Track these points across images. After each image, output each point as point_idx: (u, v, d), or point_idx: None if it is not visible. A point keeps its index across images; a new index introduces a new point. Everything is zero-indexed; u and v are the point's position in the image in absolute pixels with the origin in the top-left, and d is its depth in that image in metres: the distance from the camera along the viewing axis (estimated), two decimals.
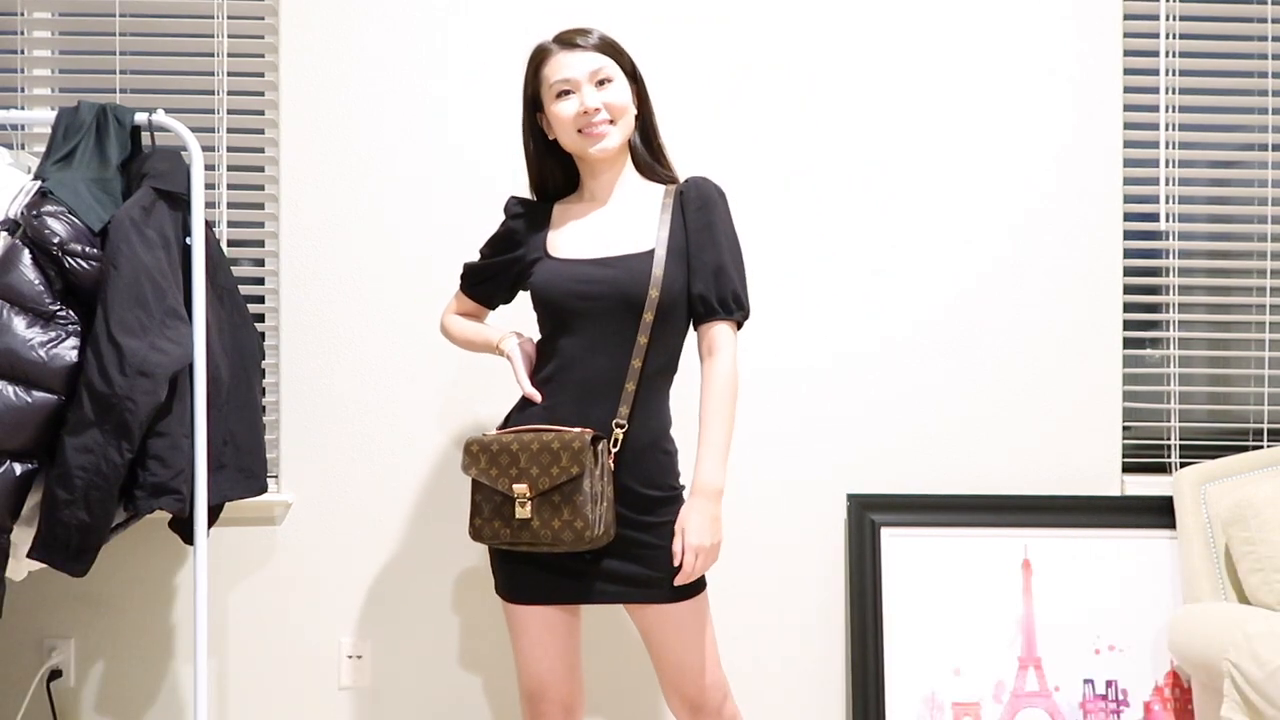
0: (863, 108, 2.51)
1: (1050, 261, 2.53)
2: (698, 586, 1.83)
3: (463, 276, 2.04)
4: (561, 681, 1.88)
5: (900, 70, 2.51)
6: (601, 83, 1.82)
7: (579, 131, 1.82)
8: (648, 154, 1.93)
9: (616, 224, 1.88)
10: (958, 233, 2.52)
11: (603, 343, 1.81)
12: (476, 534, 1.82)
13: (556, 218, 1.93)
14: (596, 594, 1.81)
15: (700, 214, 1.85)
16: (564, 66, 1.82)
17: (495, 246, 1.98)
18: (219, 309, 2.11)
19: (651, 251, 1.82)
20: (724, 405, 1.81)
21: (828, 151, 2.51)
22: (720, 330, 1.82)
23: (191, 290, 1.99)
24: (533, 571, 1.82)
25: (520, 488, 1.74)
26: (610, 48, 1.86)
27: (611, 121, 1.82)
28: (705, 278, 1.82)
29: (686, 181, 1.90)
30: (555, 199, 1.97)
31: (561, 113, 1.83)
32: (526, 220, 1.94)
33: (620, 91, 1.84)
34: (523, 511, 1.73)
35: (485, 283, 2.01)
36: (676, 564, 1.76)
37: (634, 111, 1.87)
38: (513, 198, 1.98)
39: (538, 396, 1.84)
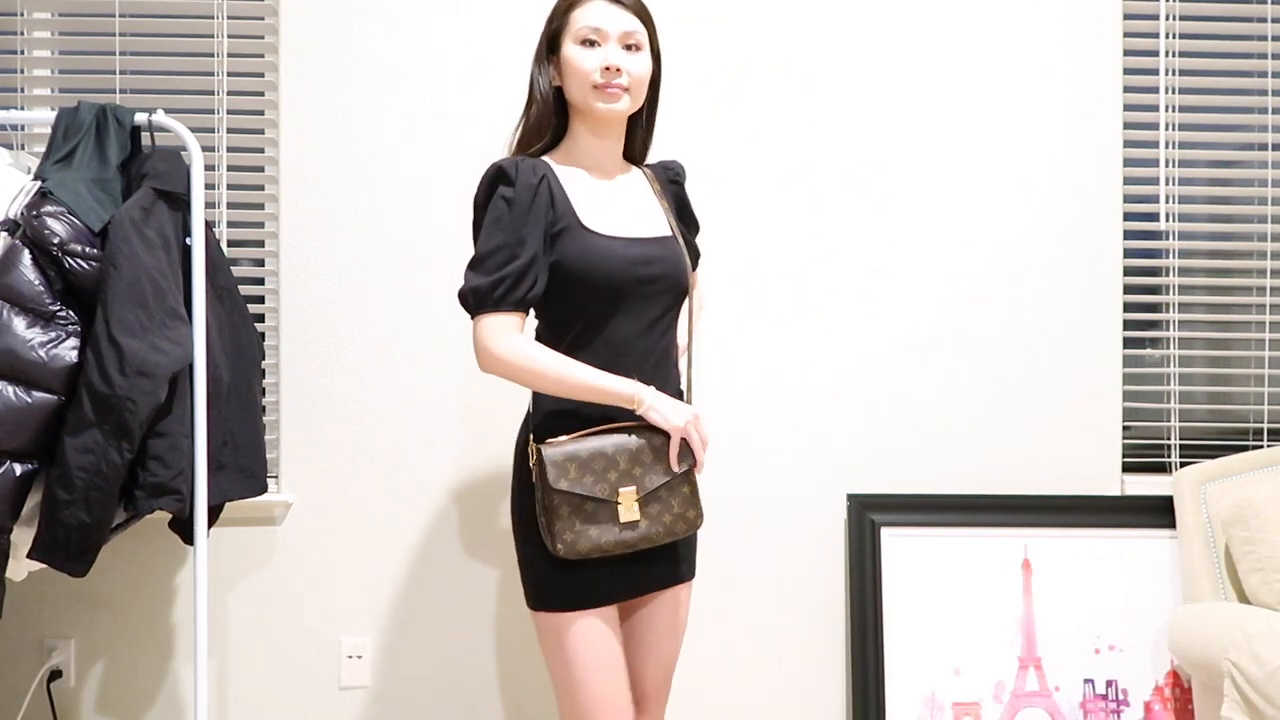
0: (861, 108, 2.51)
1: (1050, 261, 2.53)
2: None
3: (502, 293, 1.66)
4: (627, 691, 1.74)
5: (899, 70, 2.51)
6: (630, 47, 1.74)
7: (593, 86, 1.72)
8: (643, 135, 1.87)
9: (634, 202, 1.82)
10: (957, 233, 2.52)
11: (651, 327, 1.75)
12: (570, 548, 1.64)
13: (566, 182, 1.75)
14: (671, 576, 1.80)
15: (684, 198, 1.93)
16: (599, 15, 1.73)
17: (527, 223, 1.67)
18: (219, 309, 2.12)
19: (674, 237, 1.81)
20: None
21: (826, 151, 2.51)
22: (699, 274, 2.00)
23: (191, 290, 1.99)
24: (619, 567, 1.71)
25: (627, 490, 1.66)
26: (649, 19, 1.79)
27: (627, 89, 1.73)
28: (694, 249, 1.95)
29: (668, 165, 1.92)
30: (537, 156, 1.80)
31: (580, 61, 1.72)
32: (550, 183, 1.71)
33: (644, 63, 1.76)
34: (630, 514, 1.66)
35: (541, 274, 1.68)
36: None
37: (646, 90, 1.80)
38: (528, 160, 1.73)
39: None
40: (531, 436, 1.72)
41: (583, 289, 1.70)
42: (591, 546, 1.65)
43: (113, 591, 2.42)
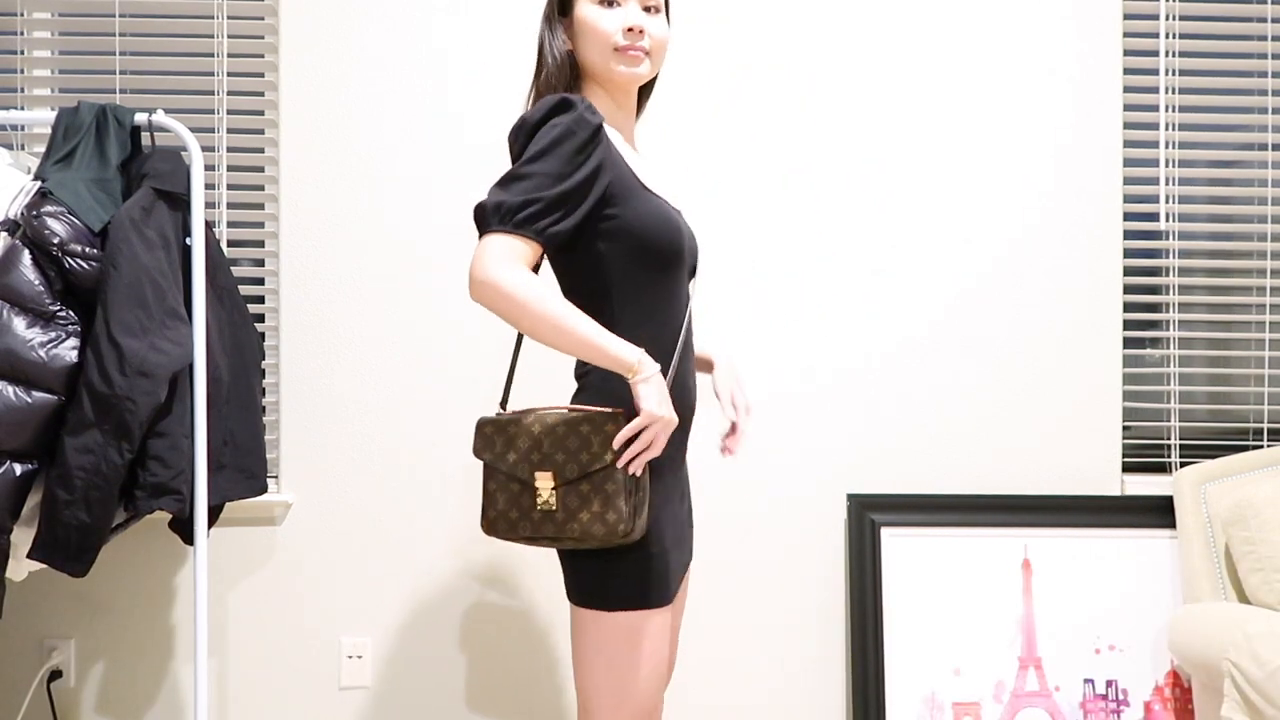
0: (862, 108, 2.51)
1: (1050, 261, 2.53)
2: None
3: (528, 215, 1.47)
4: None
5: (900, 70, 2.51)
6: (649, 8, 1.64)
7: (614, 49, 1.60)
8: (641, 104, 1.76)
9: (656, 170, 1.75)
10: (957, 233, 2.52)
11: (687, 304, 1.66)
12: (490, 527, 1.57)
13: (613, 138, 1.63)
14: (689, 562, 1.74)
15: None
16: None
17: (579, 160, 1.50)
18: (219, 309, 2.12)
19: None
20: None
21: (827, 151, 2.51)
22: None
23: (191, 290, 1.99)
24: (678, 556, 1.63)
25: (543, 475, 1.51)
26: None
27: (649, 52, 1.63)
28: None
29: None
30: None
31: (600, 22, 1.60)
32: (607, 132, 1.57)
33: (663, 26, 1.66)
34: (545, 502, 1.51)
35: (571, 215, 1.50)
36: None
37: (663, 55, 1.69)
38: (589, 101, 1.56)
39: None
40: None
41: (657, 254, 1.58)
42: (508, 528, 1.54)
43: (113, 591, 2.42)
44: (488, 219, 1.49)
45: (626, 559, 1.54)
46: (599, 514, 1.48)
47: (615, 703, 1.57)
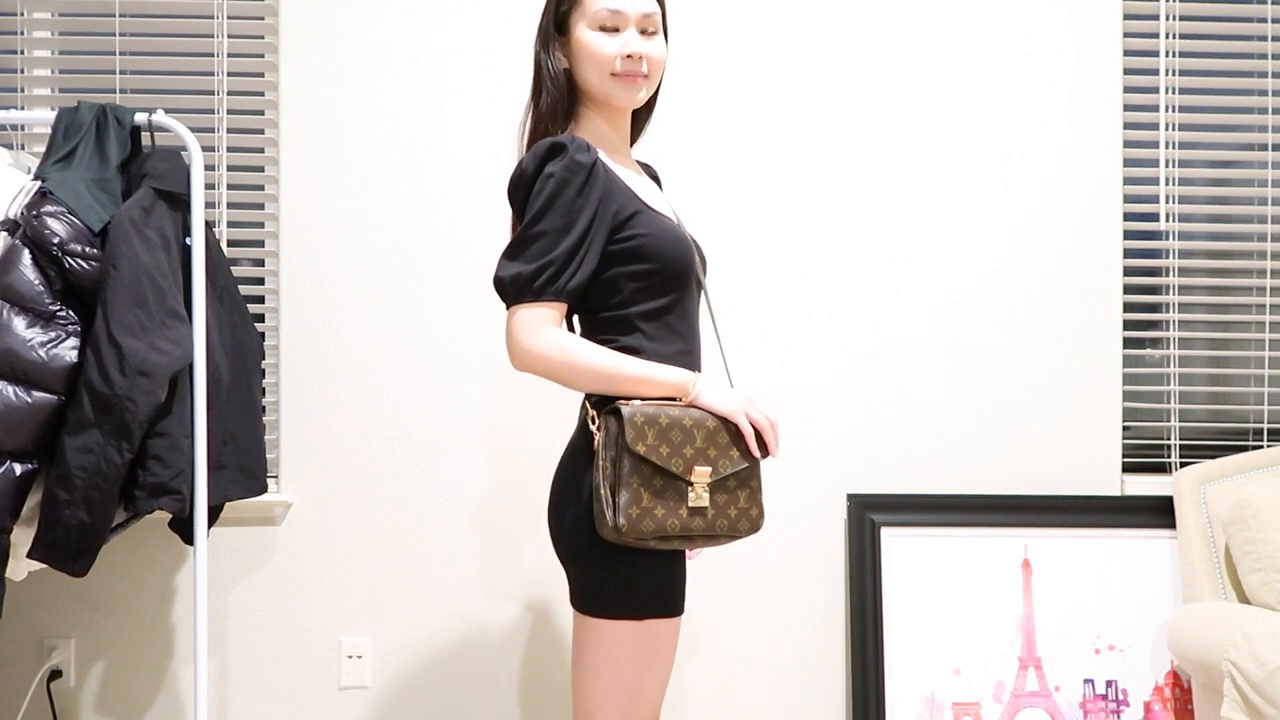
0: (863, 109, 2.51)
1: (1050, 261, 2.53)
2: None
3: (545, 281, 1.50)
4: None
5: (901, 71, 2.51)
6: (646, 31, 1.64)
7: (612, 74, 1.61)
8: (645, 120, 1.78)
9: (653, 187, 1.75)
10: (957, 233, 2.52)
11: (698, 320, 1.68)
12: (633, 526, 1.46)
13: (610, 163, 1.63)
14: None
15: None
16: None
17: (579, 206, 1.52)
18: (219, 309, 2.12)
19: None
20: None
21: (827, 153, 2.51)
22: None
23: (191, 290, 1.99)
24: (683, 566, 1.61)
25: (702, 470, 1.51)
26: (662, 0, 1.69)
27: (646, 76, 1.64)
28: None
29: (646, 165, 1.82)
30: None
31: (599, 47, 1.60)
32: (602, 163, 1.57)
33: (661, 48, 1.66)
34: (699, 498, 1.50)
35: (586, 262, 1.53)
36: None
37: (660, 76, 1.70)
38: (580, 137, 1.58)
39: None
40: (595, 410, 1.55)
41: (668, 272, 1.58)
42: (655, 528, 1.47)
43: (113, 591, 2.42)
44: (509, 293, 1.52)
45: (642, 566, 1.52)
46: (745, 509, 1.56)
47: (619, 714, 1.55)
